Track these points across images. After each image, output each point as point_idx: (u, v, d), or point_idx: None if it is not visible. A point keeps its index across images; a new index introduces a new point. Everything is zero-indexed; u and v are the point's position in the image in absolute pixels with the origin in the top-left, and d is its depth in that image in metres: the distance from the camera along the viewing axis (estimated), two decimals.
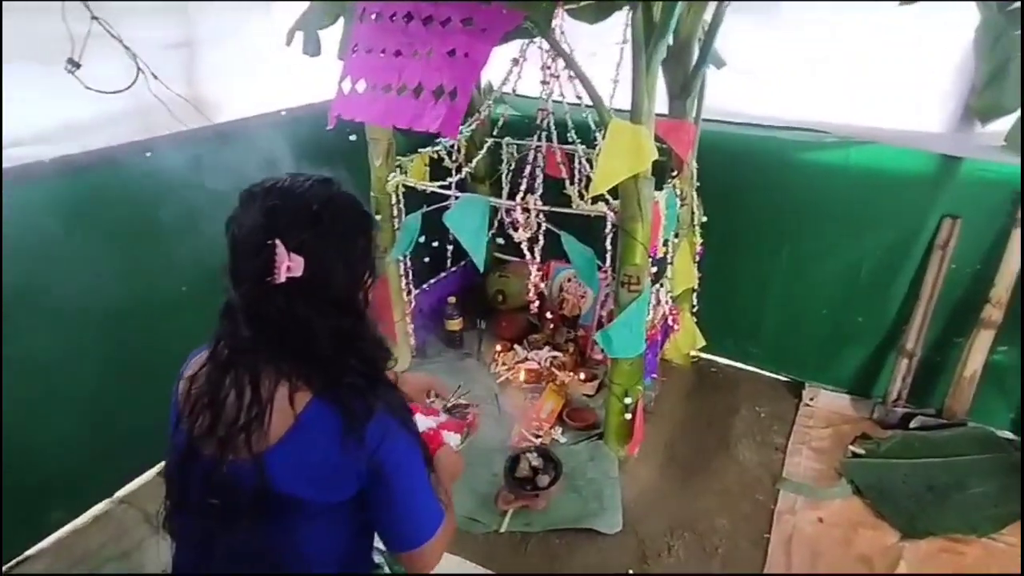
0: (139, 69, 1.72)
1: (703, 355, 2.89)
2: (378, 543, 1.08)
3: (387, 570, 1.20)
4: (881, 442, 2.34)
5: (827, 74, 2.24)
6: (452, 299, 2.84)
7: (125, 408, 2.05)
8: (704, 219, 2.51)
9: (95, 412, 2.00)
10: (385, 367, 0.99)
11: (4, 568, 1.85)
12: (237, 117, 2.35)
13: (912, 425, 2.40)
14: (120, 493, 2.14)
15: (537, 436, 2.34)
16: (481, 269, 2.18)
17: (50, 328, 1.83)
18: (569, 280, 2.93)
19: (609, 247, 2.00)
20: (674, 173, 2.31)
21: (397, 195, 2.39)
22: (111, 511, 2.08)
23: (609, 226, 1.96)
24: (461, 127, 2.41)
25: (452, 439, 1.29)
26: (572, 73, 1.92)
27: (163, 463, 0.98)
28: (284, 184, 0.91)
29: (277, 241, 0.85)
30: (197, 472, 0.92)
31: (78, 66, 1.60)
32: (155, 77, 1.78)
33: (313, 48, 2.22)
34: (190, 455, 0.92)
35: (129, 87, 1.73)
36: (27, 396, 1.81)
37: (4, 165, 1.64)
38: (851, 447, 2.34)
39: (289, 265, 0.85)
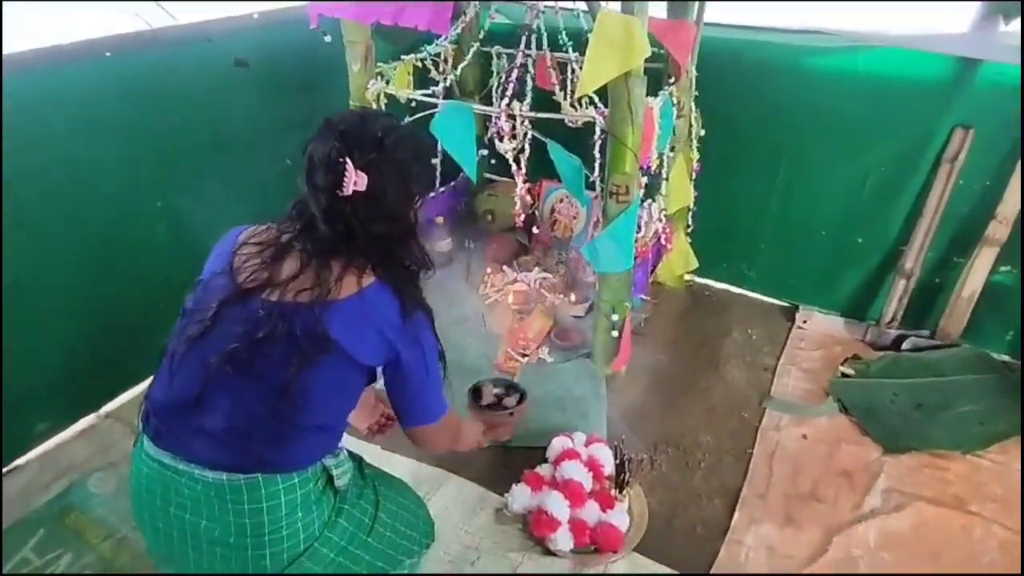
0: None
1: (697, 278, 2.83)
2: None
3: (344, 456, 1.25)
4: (872, 363, 2.32)
5: None
6: (440, 219, 2.76)
7: (111, 323, 2.03)
8: (702, 133, 2.38)
9: (81, 327, 1.97)
10: (424, 275, 1.21)
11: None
12: (204, 19, 2.20)
13: (904, 346, 2.36)
14: (106, 408, 2.14)
15: (524, 355, 2.31)
16: (474, 180, 2.07)
17: (29, 241, 1.78)
18: (561, 201, 2.82)
19: (598, 155, 1.89)
20: (671, 80, 2.17)
21: (379, 104, 2.25)
22: (97, 425, 2.09)
23: (598, 132, 1.85)
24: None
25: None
26: None
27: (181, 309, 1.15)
28: (356, 115, 1.17)
29: (347, 159, 1.05)
30: (237, 310, 1.07)
31: None
32: None
33: None
34: (235, 296, 1.08)
35: None
36: (13, 309, 1.78)
37: None
38: (841, 367, 2.32)
39: (356, 180, 1.05)
